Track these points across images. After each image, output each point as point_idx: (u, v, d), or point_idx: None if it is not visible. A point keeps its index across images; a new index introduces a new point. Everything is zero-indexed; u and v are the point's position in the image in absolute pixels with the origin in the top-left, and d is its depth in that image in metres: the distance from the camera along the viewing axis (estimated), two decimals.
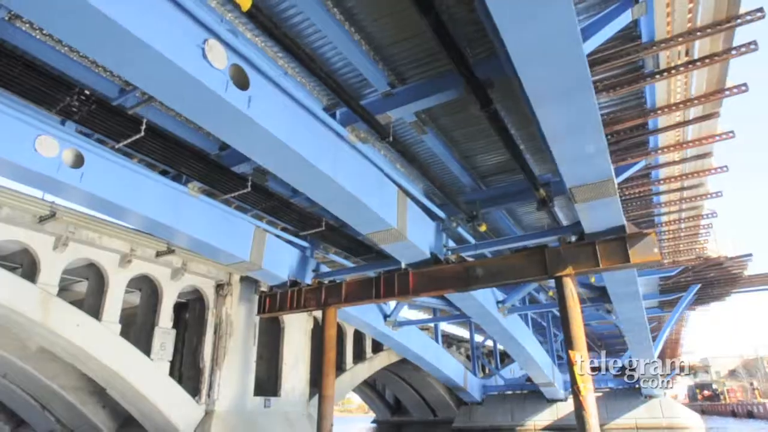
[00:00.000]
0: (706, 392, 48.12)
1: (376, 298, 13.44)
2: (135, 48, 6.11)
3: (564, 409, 24.75)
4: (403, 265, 13.25)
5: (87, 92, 7.81)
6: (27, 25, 7.71)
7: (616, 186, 9.98)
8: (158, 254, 13.49)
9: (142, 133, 8.67)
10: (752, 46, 8.42)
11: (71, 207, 11.28)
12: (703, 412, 43.23)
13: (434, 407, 35.93)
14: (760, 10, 7.70)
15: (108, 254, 12.57)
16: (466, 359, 33.06)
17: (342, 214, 11.02)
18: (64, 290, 15.16)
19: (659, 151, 11.57)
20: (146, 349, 13.17)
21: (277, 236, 14.43)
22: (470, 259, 13.02)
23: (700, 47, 8.61)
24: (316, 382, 19.10)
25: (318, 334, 19.78)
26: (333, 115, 9.77)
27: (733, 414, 35.72)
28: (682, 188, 13.86)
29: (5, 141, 8.58)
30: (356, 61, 8.85)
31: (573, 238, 11.92)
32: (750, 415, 32.82)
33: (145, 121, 8.71)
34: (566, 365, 27.48)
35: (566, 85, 6.94)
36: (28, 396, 15.18)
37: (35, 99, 7.72)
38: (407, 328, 21.09)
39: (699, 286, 22.91)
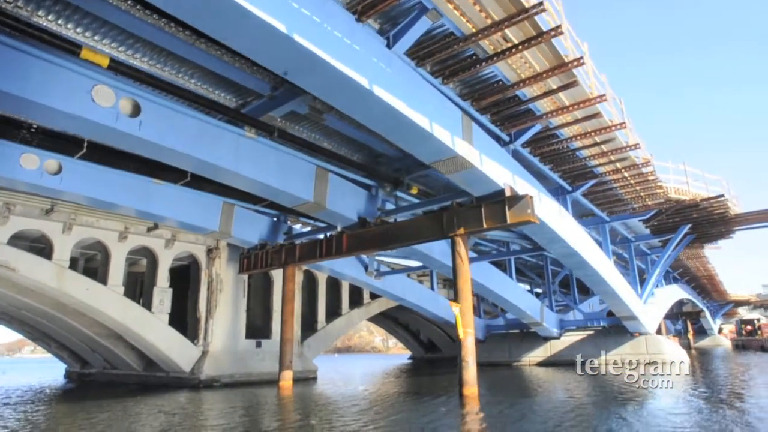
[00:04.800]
0: (748, 327, 46.64)
1: (320, 257, 15.88)
2: (38, 108, 8.69)
3: (557, 345, 26.37)
4: (339, 228, 15.48)
5: (35, 126, 10.59)
6: None
7: (476, 159, 11.32)
8: (149, 230, 16.79)
9: (84, 150, 11.43)
10: (559, 30, 9.42)
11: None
12: (743, 347, 42.35)
13: None
14: (541, 3, 8.73)
15: (107, 232, 15.98)
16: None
17: (262, 195, 13.40)
18: (90, 260, 19.19)
19: (545, 116, 12.62)
20: (150, 305, 16.80)
21: (246, 208, 17.19)
22: (391, 221, 14.91)
23: (515, 35, 9.69)
24: (310, 326, 22.44)
25: (307, 285, 22.88)
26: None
27: (762, 349, 35.06)
28: (596, 143, 14.64)
29: None
30: (235, 77, 10.87)
31: (473, 201, 13.41)
32: None
33: (86, 140, 11.43)
34: (565, 305, 28.59)
35: (348, 97, 8.54)
36: (80, 342, 19.76)
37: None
38: (397, 276, 23.47)
39: (689, 226, 22.96)
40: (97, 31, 9.44)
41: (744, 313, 65.64)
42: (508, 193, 12.34)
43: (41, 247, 15.63)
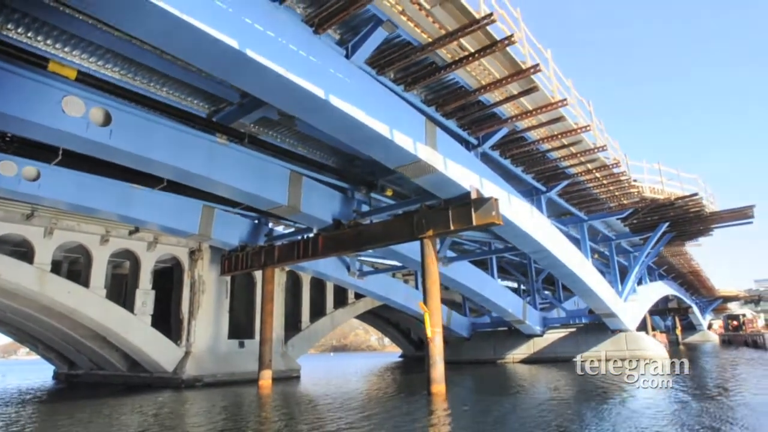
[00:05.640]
0: (734, 323, 47.22)
1: (297, 259, 16.23)
2: (8, 119, 9.02)
3: (540, 343, 26.74)
4: (315, 230, 15.85)
5: (9, 135, 10.91)
6: None
7: (440, 163, 11.65)
8: (130, 233, 17.12)
9: (60, 157, 11.74)
10: (512, 39, 9.78)
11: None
12: (730, 342, 42.87)
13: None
14: (490, 15, 9.09)
15: (88, 236, 16.30)
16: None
17: (237, 199, 13.74)
18: (74, 263, 19.49)
19: (510, 120, 12.97)
20: (132, 307, 17.12)
21: (226, 210, 17.51)
22: (367, 223, 15.26)
23: (471, 44, 10.03)
24: (294, 326, 22.79)
25: (292, 286, 23.22)
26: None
27: (746, 344, 35.54)
28: (564, 145, 15.01)
29: None
30: (203, 86, 11.20)
31: (441, 204, 13.75)
32: (755, 345, 32.75)
33: (61, 149, 11.73)
34: (550, 303, 28.93)
35: (305, 107, 8.91)
36: (66, 344, 20.07)
37: None
38: (380, 276, 23.83)
39: (667, 224, 23.37)
40: (67, 43, 9.75)
41: (735, 308, 66.21)
42: (473, 196, 12.68)
43: (23, 251, 15.93)
